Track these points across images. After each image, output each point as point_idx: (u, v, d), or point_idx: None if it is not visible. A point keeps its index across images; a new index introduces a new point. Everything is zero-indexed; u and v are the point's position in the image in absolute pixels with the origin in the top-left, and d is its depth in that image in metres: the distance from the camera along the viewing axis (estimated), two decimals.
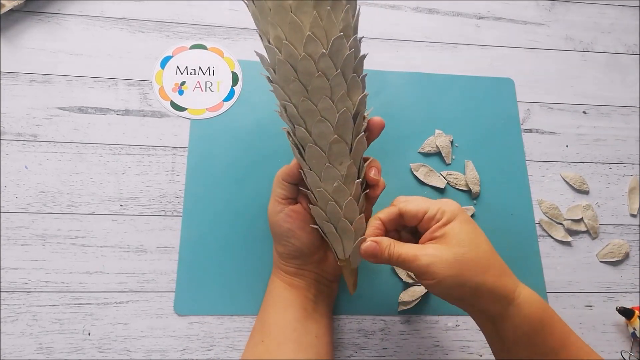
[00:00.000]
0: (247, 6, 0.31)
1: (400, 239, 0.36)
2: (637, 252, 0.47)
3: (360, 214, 0.34)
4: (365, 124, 0.34)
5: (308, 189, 0.34)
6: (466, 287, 0.31)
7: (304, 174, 0.34)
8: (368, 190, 0.35)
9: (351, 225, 0.34)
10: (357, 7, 0.31)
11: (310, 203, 0.35)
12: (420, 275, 0.31)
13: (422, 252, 0.31)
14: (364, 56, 0.32)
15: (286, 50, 0.29)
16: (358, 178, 0.34)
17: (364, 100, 0.33)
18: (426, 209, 0.33)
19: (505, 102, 0.51)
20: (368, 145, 0.35)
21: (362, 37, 0.32)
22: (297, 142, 0.33)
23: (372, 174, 0.35)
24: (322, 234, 0.36)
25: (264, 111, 0.47)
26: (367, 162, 0.35)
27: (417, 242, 0.34)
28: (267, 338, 0.35)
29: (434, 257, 0.31)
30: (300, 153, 0.33)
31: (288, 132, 0.34)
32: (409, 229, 0.37)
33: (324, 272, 0.38)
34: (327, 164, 0.32)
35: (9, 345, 0.39)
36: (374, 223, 0.34)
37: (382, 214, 0.35)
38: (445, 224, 0.33)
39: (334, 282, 0.40)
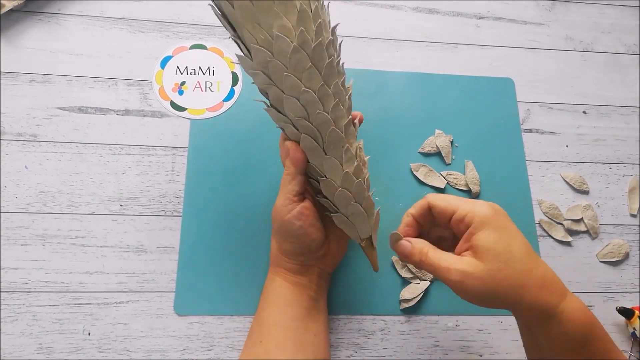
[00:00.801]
0: (222, 12, 0.32)
1: (440, 238, 0.35)
2: (637, 252, 0.47)
3: (367, 193, 0.35)
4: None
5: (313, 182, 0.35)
6: (502, 303, 0.30)
7: (308, 168, 0.34)
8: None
9: (362, 206, 0.34)
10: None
11: (317, 195, 0.35)
12: (452, 288, 0.30)
13: (455, 267, 0.30)
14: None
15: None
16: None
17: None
18: (455, 208, 0.32)
19: (505, 102, 0.51)
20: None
21: (337, 24, 0.35)
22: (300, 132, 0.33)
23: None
24: (335, 224, 0.35)
25: (264, 111, 0.47)
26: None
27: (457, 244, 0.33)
28: (266, 338, 0.35)
29: (465, 274, 0.29)
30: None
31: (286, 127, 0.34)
32: (449, 230, 0.35)
33: (326, 266, 0.38)
34: (329, 155, 0.33)
35: (9, 345, 0.39)
36: (406, 219, 0.34)
37: (413, 208, 0.34)
38: (477, 231, 0.31)
39: (330, 275, 0.40)
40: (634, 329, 0.43)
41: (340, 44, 0.34)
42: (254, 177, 0.45)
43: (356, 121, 0.36)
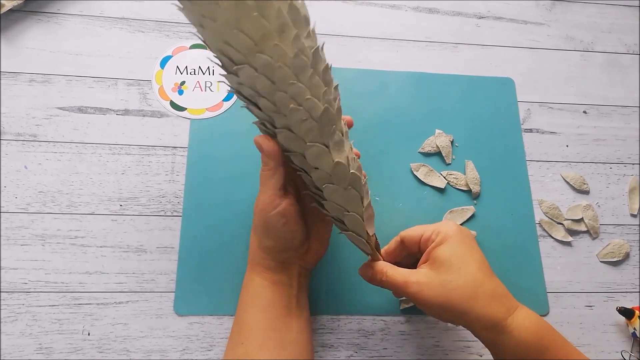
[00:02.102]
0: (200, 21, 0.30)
1: (414, 265, 0.37)
2: (638, 252, 0.47)
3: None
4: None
5: (309, 189, 0.34)
6: (454, 313, 0.32)
7: (307, 172, 0.33)
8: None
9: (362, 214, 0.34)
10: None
11: (317, 202, 0.35)
12: (413, 300, 0.34)
13: (411, 279, 0.33)
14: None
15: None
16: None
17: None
18: (422, 232, 0.35)
19: (505, 102, 0.51)
20: None
21: (315, 28, 0.33)
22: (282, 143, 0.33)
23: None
24: (342, 227, 0.35)
25: None
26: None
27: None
28: (247, 340, 0.35)
29: (421, 285, 0.32)
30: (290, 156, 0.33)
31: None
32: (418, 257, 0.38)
33: (306, 263, 0.38)
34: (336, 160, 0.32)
35: (8, 346, 0.39)
36: (378, 260, 0.37)
37: (387, 246, 0.38)
38: (437, 246, 0.34)
39: (310, 271, 0.40)
40: (635, 329, 0.42)
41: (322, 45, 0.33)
42: (254, 177, 0.45)
43: (345, 122, 0.35)
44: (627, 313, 0.43)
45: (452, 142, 0.48)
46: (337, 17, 0.53)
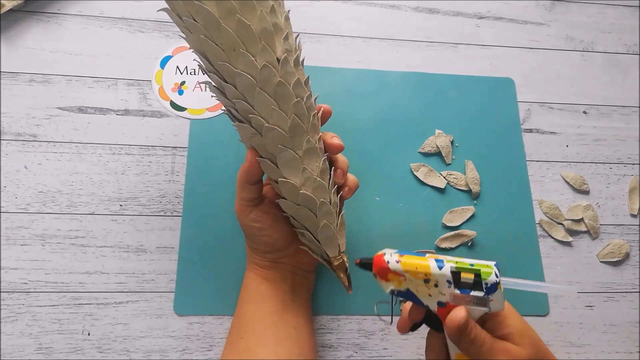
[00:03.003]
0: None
1: None
2: (638, 252, 0.47)
3: (339, 213, 0.35)
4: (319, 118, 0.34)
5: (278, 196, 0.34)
6: None
7: (277, 183, 0.33)
8: (341, 193, 0.35)
9: (334, 227, 0.34)
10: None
11: (283, 211, 0.35)
12: None
13: (502, 347, 0.29)
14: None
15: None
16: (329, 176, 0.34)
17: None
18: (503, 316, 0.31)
19: (505, 102, 0.51)
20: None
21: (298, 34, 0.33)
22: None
23: (337, 174, 0.35)
24: (304, 243, 0.36)
25: None
26: (334, 166, 0.35)
27: None
28: (246, 334, 0.35)
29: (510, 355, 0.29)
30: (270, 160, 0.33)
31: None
32: None
33: (299, 263, 0.38)
34: (303, 166, 0.32)
35: (8, 345, 0.39)
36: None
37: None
38: (506, 320, 0.30)
39: (311, 273, 0.40)
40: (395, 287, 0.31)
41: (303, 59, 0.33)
42: None
43: (319, 114, 0.34)
44: (367, 266, 0.31)
45: (452, 142, 0.48)
46: (337, 17, 0.53)
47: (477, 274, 0.29)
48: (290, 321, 0.36)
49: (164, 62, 0.48)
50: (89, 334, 0.39)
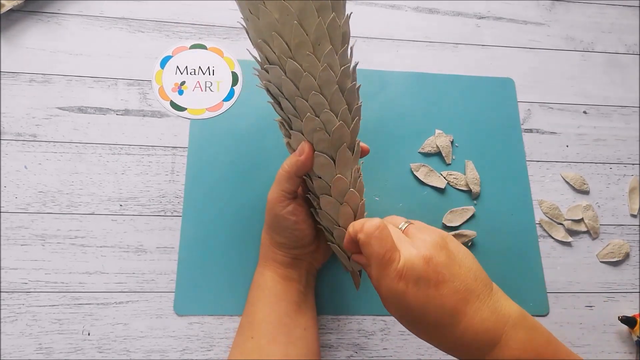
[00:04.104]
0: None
1: None
2: (638, 253, 0.47)
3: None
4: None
5: (312, 194, 0.36)
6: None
7: (319, 179, 0.34)
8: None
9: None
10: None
11: (313, 207, 0.36)
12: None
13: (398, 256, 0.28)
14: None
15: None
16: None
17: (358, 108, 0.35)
18: (356, 234, 0.30)
19: (505, 102, 0.51)
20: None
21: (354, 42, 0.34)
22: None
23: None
24: (329, 238, 0.36)
25: (264, 111, 0.47)
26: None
27: None
28: (257, 334, 0.35)
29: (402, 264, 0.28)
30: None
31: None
32: None
33: (315, 261, 0.39)
34: (338, 174, 0.33)
35: (8, 345, 0.39)
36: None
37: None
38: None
39: (317, 271, 0.41)
40: (638, 337, 0.42)
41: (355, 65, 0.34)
42: (253, 177, 0.45)
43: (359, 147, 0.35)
44: (629, 322, 0.42)
45: (452, 142, 0.48)
46: None
47: None
48: (300, 322, 0.36)
49: (164, 62, 0.48)
50: (89, 334, 0.39)
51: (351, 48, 0.33)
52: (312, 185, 0.35)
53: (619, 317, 0.43)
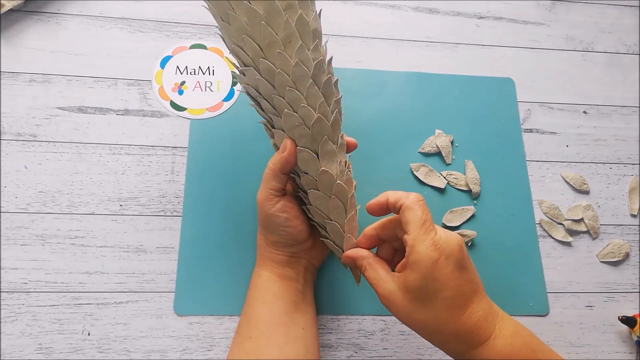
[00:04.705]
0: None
1: (395, 250, 0.36)
2: (638, 253, 0.47)
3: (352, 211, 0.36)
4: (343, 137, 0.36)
5: (301, 190, 0.36)
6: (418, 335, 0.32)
7: (306, 175, 0.34)
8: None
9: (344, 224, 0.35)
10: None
11: (304, 204, 0.36)
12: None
13: (383, 290, 0.31)
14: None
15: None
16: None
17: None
18: (408, 232, 0.31)
19: (505, 102, 0.51)
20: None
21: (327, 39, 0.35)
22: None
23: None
24: (325, 235, 0.36)
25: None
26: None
27: None
28: (255, 334, 0.35)
29: (389, 301, 0.31)
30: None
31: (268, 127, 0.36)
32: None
33: (313, 259, 0.39)
34: (322, 167, 0.33)
35: (8, 346, 0.39)
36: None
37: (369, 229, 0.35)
38: (411, 267, 0.30)
39: (316, 270, 0.41)
40: (638, 337, 0.42)
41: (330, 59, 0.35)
42: (254, 177, 0.45)
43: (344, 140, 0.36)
44: (629, 322, 0.42)
45: (452, 142, 0.48)
46: (337, 17, 0.53)
47: None
48: (299, 321, 0.36)
49: (164, 62, 0.48)
50: (89, 334, 0.39)
51: (325, 44, 0.34)
52: (300, 182, 0.35)
53: (619, 317, 0.43)
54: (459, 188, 0.47)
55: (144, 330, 0.40)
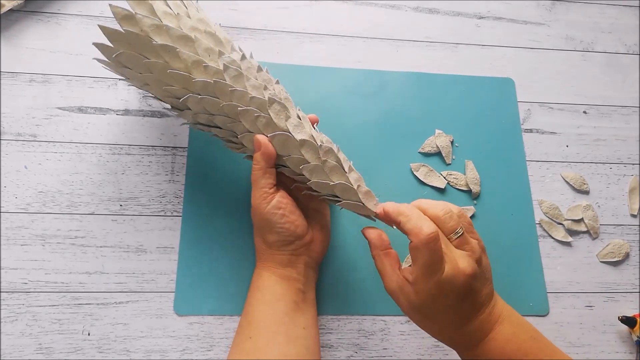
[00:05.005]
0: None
1: None
2: (638, 253, 0.47)
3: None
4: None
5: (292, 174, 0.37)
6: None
7: (291, 156, 0.35)
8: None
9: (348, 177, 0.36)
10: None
11: (298, 182, 0.37)
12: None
13: (396, 287, 0.32)
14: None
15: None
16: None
17: None
18: (409, 231, 0.31)
19: (505, 102, 0.51)
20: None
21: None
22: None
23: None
24: (338, 203, 0.36)
25: None
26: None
27: None
28: (255, 334, 0.35)
29: (400, 300, 0.32)
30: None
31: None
32: None
33: (314, 253, 0.38)
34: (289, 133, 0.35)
35: (8, 346, 0.39)
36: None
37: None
38: (427, 275, 0.30)
39: (317, 266, 0.40)
40: (638, 337, 0.42)
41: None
42: None
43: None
44: (629, 322, 0.42)
45: (452, 142, 0.48)
46: (337, 17, 0.53)
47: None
48: (300, 321, 0.36)
49: None
50: (89, 334, 0.39)
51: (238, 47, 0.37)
52: (290, 170, 0.36)
53: (619, 317, 0.43)
54: (459, 188, 0.47)
55: (144, 330, 0.40)
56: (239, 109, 0.34)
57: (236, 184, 0.45)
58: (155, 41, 0.33)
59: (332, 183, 0.35)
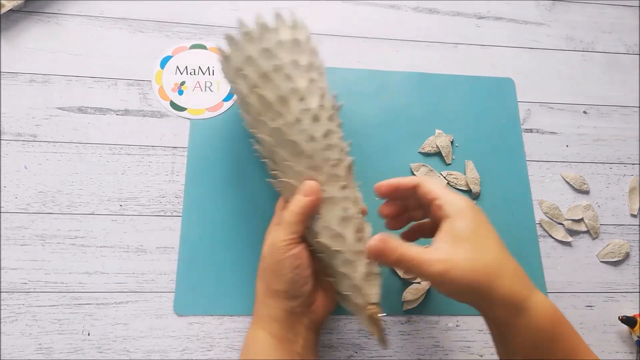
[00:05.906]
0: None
1: (410, 219, 0.39)
2: (638, 252, 0.47)
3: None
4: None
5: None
6: (479, 293, 0.29)
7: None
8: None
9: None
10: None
11: (316, 251, 0.36)
12: (435, 280, 0.30)
13: (436, 257, 0.30)
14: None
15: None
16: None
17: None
18: (438, 196, 0.33)
19: (505, 102, 0.51)
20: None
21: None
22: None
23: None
24: (339, 292, 0.36)
25: None
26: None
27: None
28: None
29: (449, 263, 0.29)
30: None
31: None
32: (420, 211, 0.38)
33: (314, 316, 0.36)
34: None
35: (8, 346, 0.39)
36: (391, 184, 0.37)
37: (402, 179, 0.37)
38: (454, 219, 0.31)
39: (320, 327, 0.38)
40: (638, 337, 0.42)
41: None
42: (253, 177, 0.45)
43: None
44: (630, 321, 0.42)
45: (452, 142, 0.48)
46: (337, 17, 0.53)
47: None
48: None
49: (164, 62, 0.48)
50: (89, 334, 0.39)
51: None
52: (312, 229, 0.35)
53: (619, 317, 0.43)
54: (459, 188, 0.47)
55: (144, 330, 0.40)
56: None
57: (236, 184, 0.45)
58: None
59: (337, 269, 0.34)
